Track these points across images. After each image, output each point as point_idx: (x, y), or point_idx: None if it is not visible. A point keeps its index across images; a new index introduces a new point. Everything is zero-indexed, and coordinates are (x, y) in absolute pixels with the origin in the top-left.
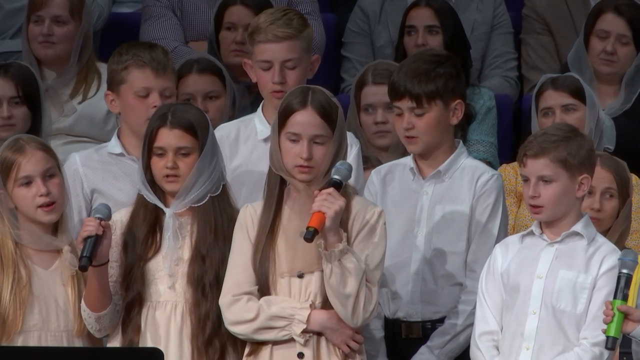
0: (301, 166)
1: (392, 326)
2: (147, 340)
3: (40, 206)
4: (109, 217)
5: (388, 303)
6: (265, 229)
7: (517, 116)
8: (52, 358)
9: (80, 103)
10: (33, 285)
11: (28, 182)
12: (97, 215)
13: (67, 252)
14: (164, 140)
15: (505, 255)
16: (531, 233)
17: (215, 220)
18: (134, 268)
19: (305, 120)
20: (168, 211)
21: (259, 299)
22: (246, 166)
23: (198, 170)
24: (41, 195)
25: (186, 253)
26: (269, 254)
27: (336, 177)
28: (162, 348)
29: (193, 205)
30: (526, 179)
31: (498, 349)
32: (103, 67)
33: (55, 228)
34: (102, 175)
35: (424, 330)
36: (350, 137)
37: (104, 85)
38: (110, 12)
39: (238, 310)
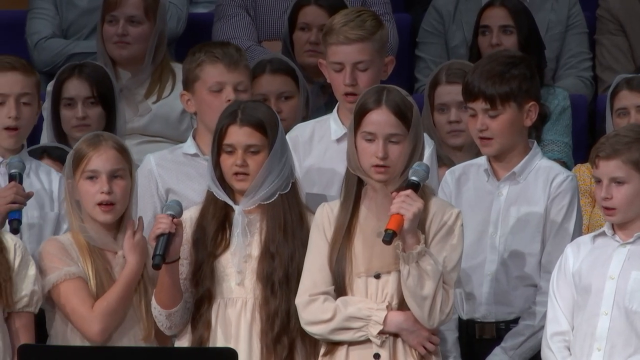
0: (377, 166)
1: (466, 327)
2: (218, 337)
3: (100, 204)
4: (180, 213)
5: (462, 304)
6: (342, 228)
7: (591, 116)
8: (125, 357)
9: (154, 103)
10: None
11: (93, 176)
12: (169, 212)
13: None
14: (234, 137)
15: (576, 256)
16: (603, 234)
17: (285, 217)
18: (203, 264)
19: (380, 119)
20: (237, 208)
21: (335, 299)
22: (318, 165)
23: (267, 168)
24: (102, 193)
25: (255, 250)
26: (345, 253)
27: (414, 178)
28: (232, 345)
29: (262, 203)
30: (599, 181)
31: (569, 350)
32: (177, 67)
33: (117, 229)
34: (176, 176)
35: (498, 331)
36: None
37: (179, 85)
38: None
39: (315, 310)
